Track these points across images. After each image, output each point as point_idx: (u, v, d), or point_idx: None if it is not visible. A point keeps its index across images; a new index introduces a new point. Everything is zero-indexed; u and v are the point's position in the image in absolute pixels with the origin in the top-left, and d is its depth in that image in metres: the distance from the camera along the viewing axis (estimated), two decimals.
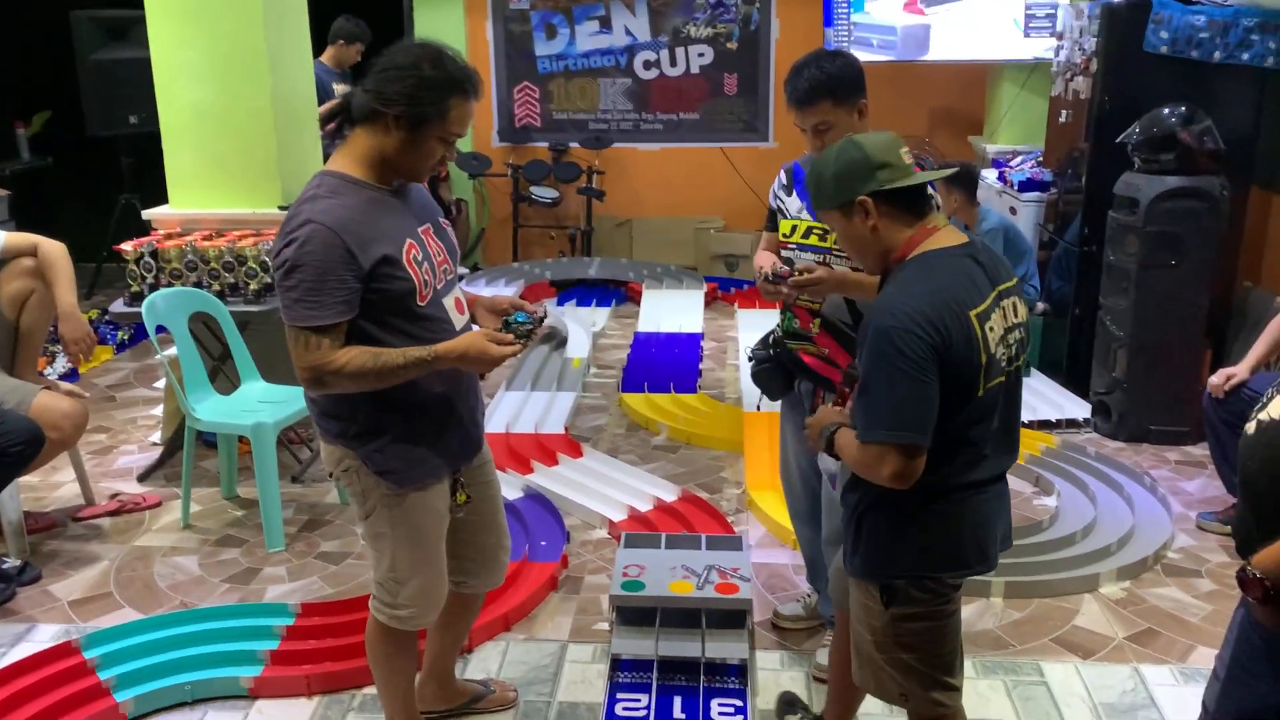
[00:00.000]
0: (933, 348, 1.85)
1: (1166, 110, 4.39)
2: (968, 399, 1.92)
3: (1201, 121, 4.35)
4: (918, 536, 2.02)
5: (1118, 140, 4.52)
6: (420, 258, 2.21)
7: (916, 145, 7.59)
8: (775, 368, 2.88)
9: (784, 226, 2.82)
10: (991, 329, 1.93)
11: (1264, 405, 1.75)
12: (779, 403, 3.01)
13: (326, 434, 2.32)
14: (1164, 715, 2.79)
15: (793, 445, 3.04)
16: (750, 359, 2.97)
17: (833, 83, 2.60)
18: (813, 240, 2.74)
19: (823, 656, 2.96)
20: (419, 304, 2.20)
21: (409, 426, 2.27)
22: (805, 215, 2.75)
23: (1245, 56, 4.58)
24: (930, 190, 2.20)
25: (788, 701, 2.80)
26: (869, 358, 1.92)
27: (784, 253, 2.83)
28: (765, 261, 2.82)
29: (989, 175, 6.09)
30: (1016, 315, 2.03)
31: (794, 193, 2.81)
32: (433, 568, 2.40)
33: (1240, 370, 3.64)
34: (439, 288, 2.27)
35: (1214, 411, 3.69)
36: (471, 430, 2.42)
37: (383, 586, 2.40)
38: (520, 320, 2.32)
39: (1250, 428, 1.75)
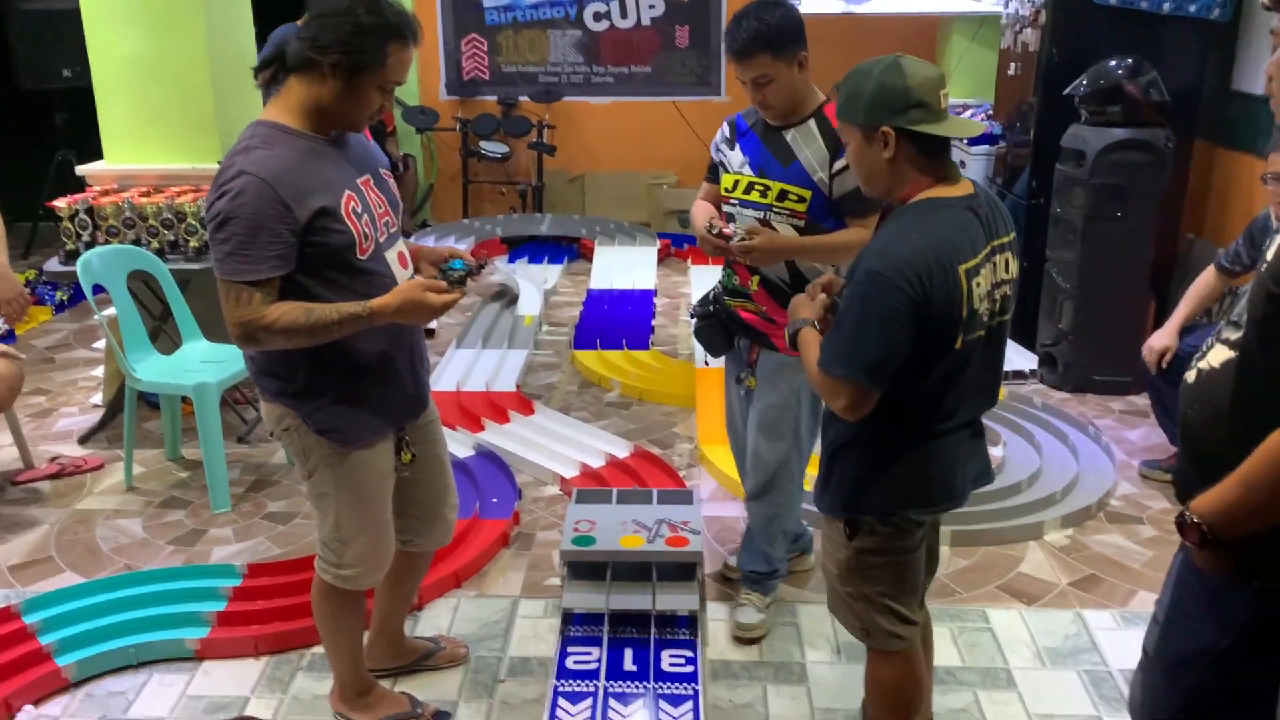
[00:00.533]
0: (913, 301, 1.87)
1: (1113, 63, 4.41)
2: (944, 352, 1.95)
3: (1147, 74, 4.38)
4: (890, 476, 2.07)
5: (1065, 92, 4.53)
6: (359, 210, 2.15)
7: None
8: (716, 325, 2.88)
9: (726, 181, 2.79)
10: (978, 284, 1.95)
11: (1204, 354, 1.76)
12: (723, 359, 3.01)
13: (266, 392, 2.27)
14: (1105, 658, 2.85)
15: (737, 402, 3.04)
16: (692, 316, 2.95)
17: (771, 34, 2.54)
18: (754, 196, 2.71)
19: (741, 615, 2.97)
20: (359, 257, 2.14)
21: (350, 385, 2.23)
22: (747, 170, 2.73)
23: (1192, 9, 4.60)
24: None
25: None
26: (851, 294, 1.95)
27: (725, 207, 2.80)
28: (701, 214, 2.80)
29: None
30: (1007, 271, 2.04)
31: (736, 146, 2.77)
32: (377, 527, 2.38)
33: (1168, 338, 3.68)
34: (380, 240, 2.21)
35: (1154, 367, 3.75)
36: (415, 388, 2.38)
37: (327, 546, 2.37)
38: (455, 267, 2.28)
39: (1190, 376, 1.77)
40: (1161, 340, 3.69)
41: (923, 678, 2.30)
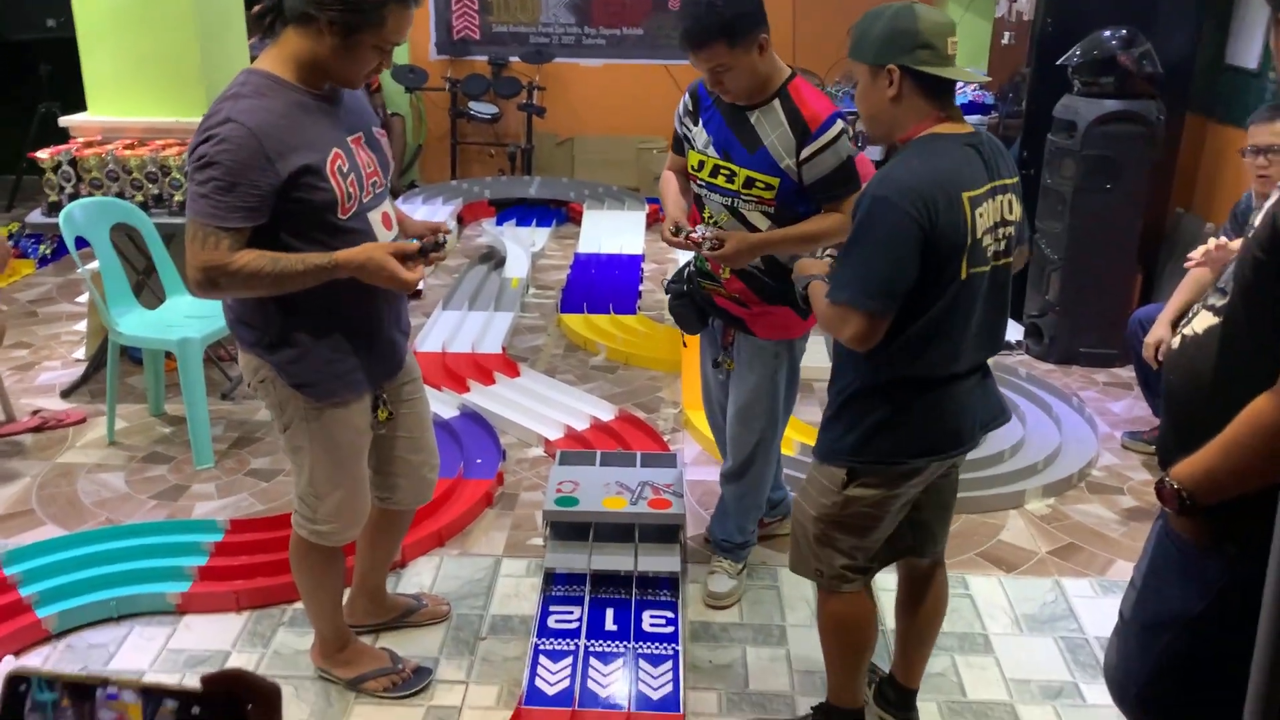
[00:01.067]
0: (918, 223, 1.90)
1: (1107, 33, 4.39)
2: (950, 280, 1.96)
3: (1141, 45, 4.36)
4: (902, 423, 2.09)
5: (1058, 62, 4.51)
6: (346, 169, 2.13)
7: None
8: (689, 304, 2.82)
9: (691, 159, 2.68)
10: (982, 214, 1.97)
11: (1188, 320, 1.77)
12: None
13: (243, 342, 2.26)
14: (1082, 625, 2.88)
15: (713, 380, 3.02)
16: (666, 293, 2.90)
17: (726, 23, 2.38)
18: (720, 181, 2.61)
19: (714, 583, 2.98)
20: (340, 217, 2.11)
21: (325, 339, 2.21)
22: (712, 152, 2.60)
23: None
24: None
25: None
26: (858, 222, 1.97)
27: (693, 187, 2.71)
28: (670, 197, 2.69)
29: None
30: (1010, 212, 2.06)
31: (699, 122, 2.64)
32: (353, 484, 2.37)
33: (1161, 330, 3.66)
34: (365, 200, 2.18)
35: (1139, 337, 3.75)
36: (394, 346, 2.37)
37: (303, 501, 2.37)
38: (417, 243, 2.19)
39: (1175, 342, 1.77)
40: (1155, 334, 3.67)
41: (871, 617, 2.31)
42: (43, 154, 4.02)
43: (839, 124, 2.52)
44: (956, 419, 2.12)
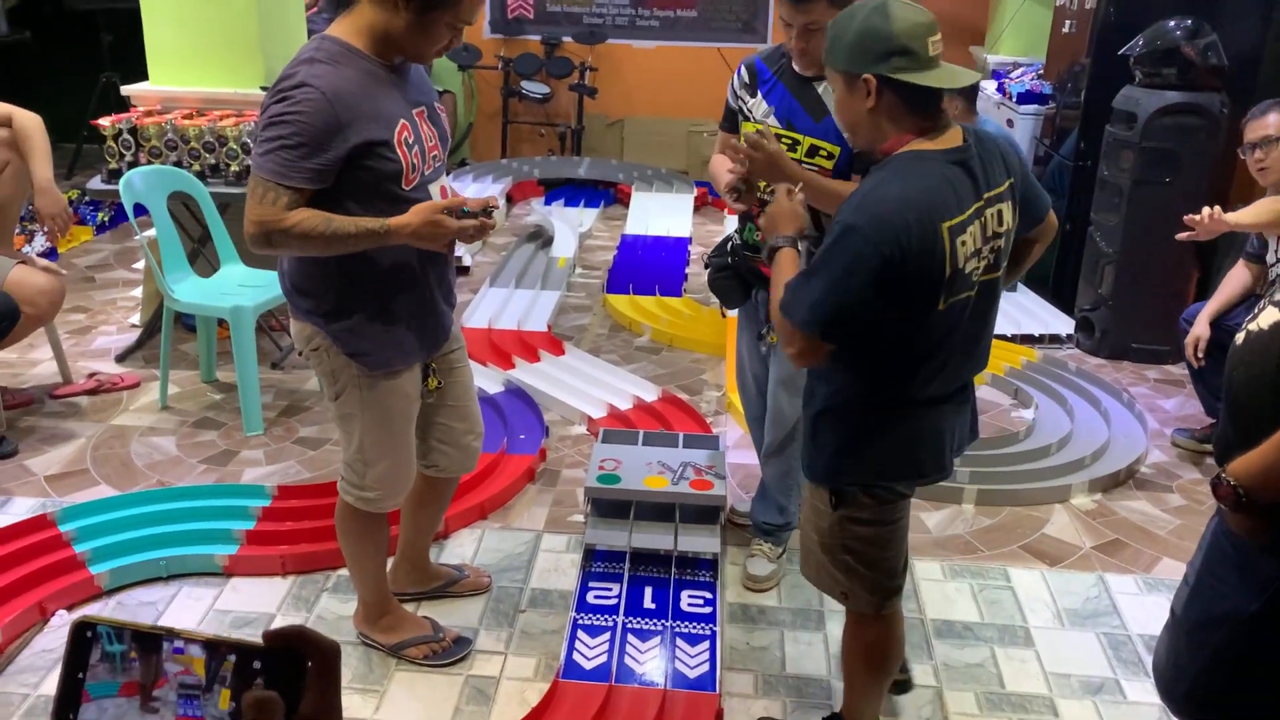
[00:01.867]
0: (887, 260, 1.76)
1: (1171, 23, 4.30)
2: (927, 311, 1.85)
3: (1206, 36, 4.27)
4: (875, 446, 1.99)
5: (1120, 53, 4.43)
6: (411, 140, 2.16)
7: None
8: (733, 276, 2.80)
9: (748, 129, 2.66)
10: (964, 242, 1.82)
11: (1255, 316, 1.74)
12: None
13: (296, 310, 2.29)
14: (1125, 622, 2.85)
15: (749, 357, 3.00)
16: (707, 266, 2.88)
17: None
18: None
19: (753, 566, 2.98)
20: (403, 187, 2.15)
21: (380, 308, 2.24)
22: (773, 121, 2.60)
23: None
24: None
25: None
26: (826, 246, 1.85)
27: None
28: (721, 169, 2.65)
29: (988, 86, 5.99)
30: (1000, 223, 1.91)
31: (758, 93, 2.65)
32: (400, 451, 2.40)
33: (1201, 329, 3.63)
34: (427, 173, 2.22)
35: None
36: (443, 317, 2.40)
37: (350, 467, 2.40)
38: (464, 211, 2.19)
39: (1239, 337, 1.75)
40: (1195, 331, 3.63)
41: (900, 640, 2.25)
42: (104, 122, 4.09)
43: None
44: (934, 441, 2.01)
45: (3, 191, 3.64)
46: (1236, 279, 3.66)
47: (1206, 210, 3.32)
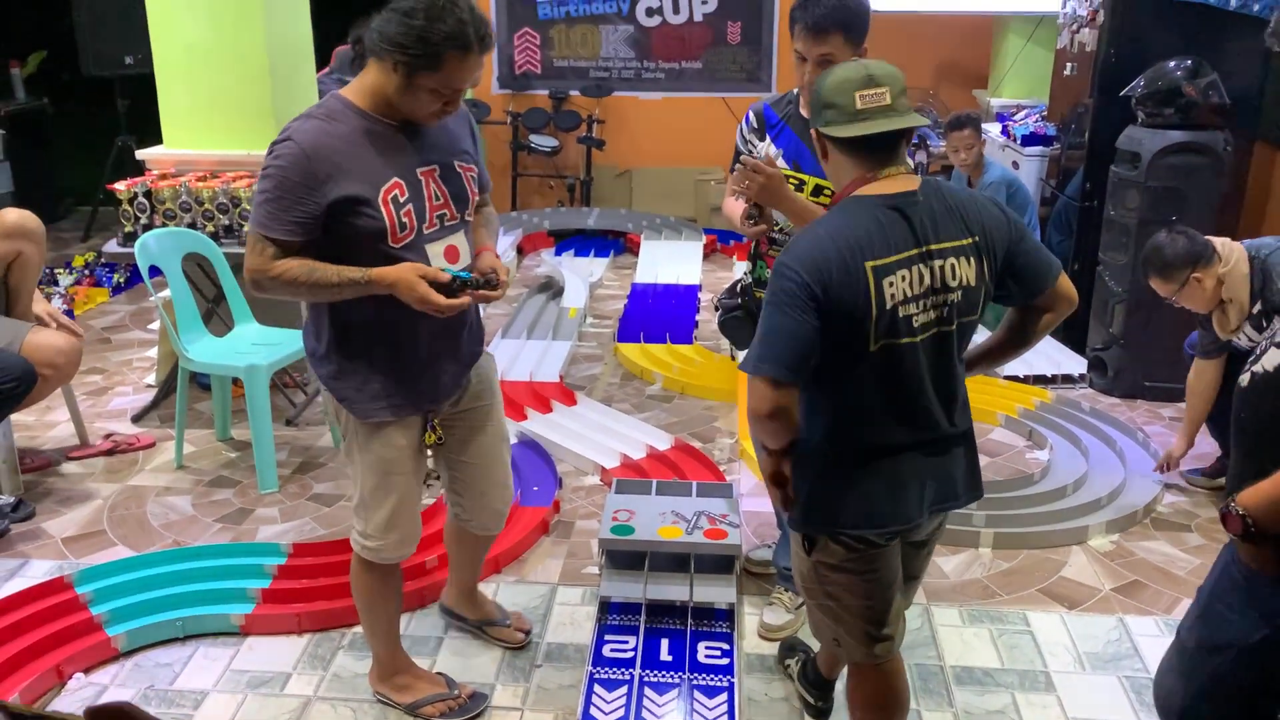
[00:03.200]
0: (812, 291, 1.83)
1: (1172, 63, 4.34)
2: (860, 352, 1.88)
3: (1207, 75, 4.30)
4: (832, 494, 2.00)
5: (1122, 94, 4.47)
6: (404, 199, 2.17)
7: (921, 98, 7.51)
8: (744, 316, 2.84)
9: None
10: (891, 283, 1.86)
11: (1258, 358, 1.77)
12: None
13: (306, 352, 2.39)
14: (1147, 665, 2.82)
15: None
16: (717, 308, 2.93)
17: (849, 16, 2.49)
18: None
19: (769, 615, 2.97)
20: (392, 245, 2.16)
21: (364, 359, 2.28)
22: (781, 163, 2.64)
23: (1256, 7, 4.50)
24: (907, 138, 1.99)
25: (789, 646, 2.79)
26: (768, 290, 1.90)
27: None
28: (735, 211, 2.67)
29: (992, 129, 6.04)
30: (953, 277, 1.91)
31: (767, 137, 2.70)
32: (399, 503, 2.40)
33: (1178, 448, 3.72)
34: (426, 231, 2.21)
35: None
36: (443, 373, 2.38)
37: (356, 514, 2.45)
38: (455, 274, 2.19)
39: (1244, 379, 1.79)
40: (1173, 450, 3.74)
41: (900, 692, 2.21)
42: (120, 185, 4.16)
43: None
44: (893, 490, 1.98)
45: (16, 277, 3.67)
46: (1200, 382, 3.64)
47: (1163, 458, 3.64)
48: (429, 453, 2.48)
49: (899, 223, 1.89)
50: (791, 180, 2.62)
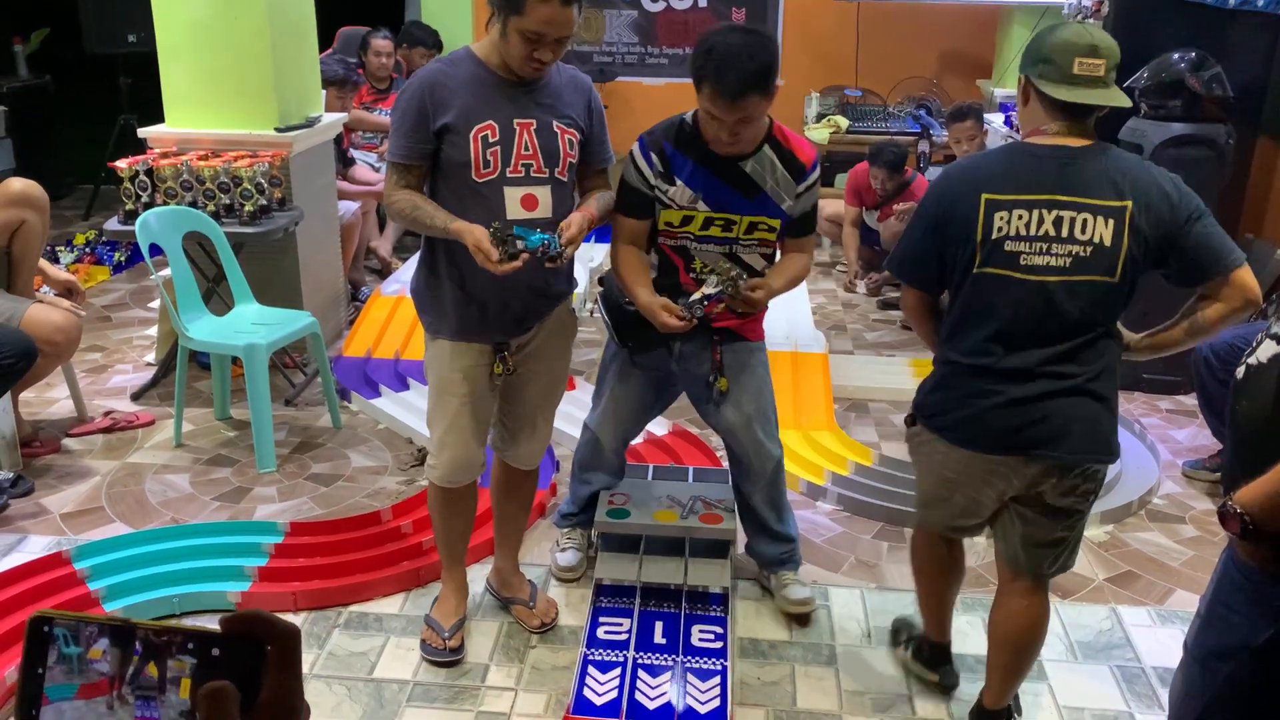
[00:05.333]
0: (936, 207, 2.19)
1: (1176, 55, 4.33)
2: (964, 271, 2.15)
3: (1211, 68, 4.30)
4: (933, 397, 2.31)
5: (1125, 85, 4.45)
6: (494, 140, 2.37)
7: (924, 87, 7.50)
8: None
9: (671, 216, 2.63)
10: (1004, 219, 2.08)
11: (1253, 350, 1.77)
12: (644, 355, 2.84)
13: None
14: (1139, 654, 2.83)
15: (636, 400, 2.97)
16: (629, 303, 2.70)
17: (765, 75, 2.43)
18: (715, 231, 2.63)
19: (794, 592, 2.97)
20: (474, 178, 2.38)
21: (438, 278, 2.51)
22: (702, 206, 2.59)
23: (1260, 3, 4.50)
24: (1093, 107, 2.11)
25: (895, 629, 2.88)
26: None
27: (670, 242, 2.68)
28: (641, 284, 2.62)
29: (995, 120, 6.03)
30: (1083, 232, 2.07)
31: (677, 181, 2.61)
32: (455, 426, 2.56)
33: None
34: (510, 175, 2.40)
35: (1203, 365, 3.69)
36: (510, 310, 2.52)
37: (429, 431, 2.66)
38: (528, 239, 2.30)
39: (1239, 372, 1.78)
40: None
41: (932, 562, 2.57)
42: (121, 164, 4.16)
43: (818, 166, 2.72)
44: (968, 416, 2.20)
45: (20, 247, 3.68)
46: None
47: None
48: (496, 383, 2.61)
49: (1037, 168, 2.10)
50: (717, 220, 2.60)
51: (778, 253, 2.81)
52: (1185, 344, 2.32)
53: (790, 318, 5.06)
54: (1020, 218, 2.06)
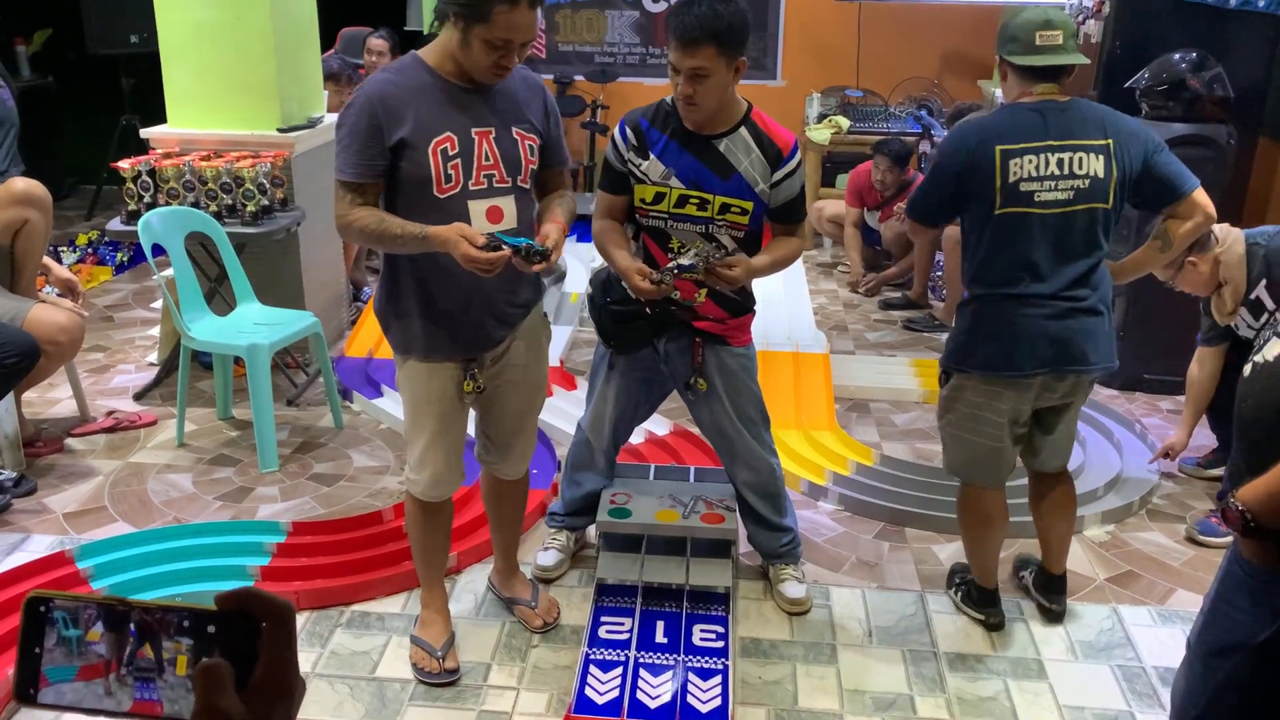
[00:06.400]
0: (953, 159, 2.57)
1: (1177, 56, 4.33)
2: (989, 213, 2.54)
3: (1212, 68, 4.30)
4: (967, 337, 2.65)
5: (1126, 85, 4.46)
6: (454, 153, 2.29)
7: (925, 88, 7.49)
8: (645, 326, 2.77)
9: (644, 192, 2.66)
10: (1018, 164, 2.49)
11: (1260, 348, 1.78)
12: (627, 357, 2.88)
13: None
14: (1140, 654, 2.83)
15: (624, 398, 2.96)
16: (602, 312, 2.78)
17: (722, 28, 2.43)
18: (690, 210, 2.64)
19: (790, 590, 3.00)
20: (436, 194, 2.29)
21: (406, 299, 2.42)
22: (676, 182, 2.61)
23: (1261, 3, 4.50)
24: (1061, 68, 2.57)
25: (952, 572, 3.14)
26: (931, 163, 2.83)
27: (647, 221, 2.70)
28: (619, 254, 2.64)
29: None
30: (1081, 168, 2.50)
31: (650, 155, 2.63)
32: (431, 441, 2.51)
33: (1179, 439, 3.72)
34: (473, 188, 2.32)
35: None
36: (483, 326, 2.46)
37: (407, 447, 2.60)
38: (508, 240, 2.25)
39: (1246, 370, 1.80)
40: (1173, 440, 3.74)
41: (989, 513, 2.82)
42: (124, 164, 4.16)
43: (799, 153, 2.68)
44: (1008, 342, 2.56)
45: (23, 246, 3.69)
46: (1205, 376, 3.65)
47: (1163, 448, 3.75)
48: (466, 401, 2.57)
49: (1036, 121, 2.52)
50: (692, 198, 2.62)
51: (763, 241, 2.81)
52: (1158, 263, 2.89)
53: (791, 318, 5.07)
54: (1030, 161, 2.48)
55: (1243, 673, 1.72)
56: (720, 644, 2.77)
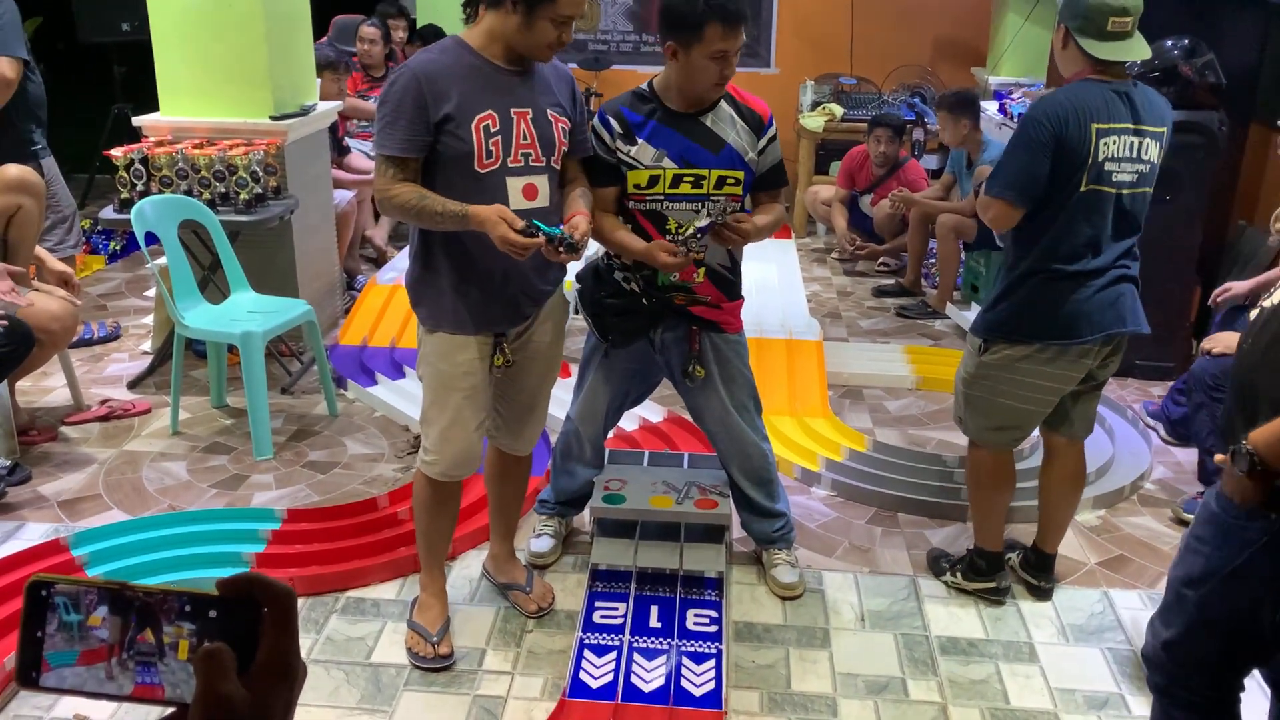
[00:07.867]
0: (1052, 134, 2.52)
1: (1169, 42, 4.33)
2: (1073, 189, 2.55)
3: (1204, 55, 4.30)
4: (1025, 310, 2.67)
5: None
6: (494, 129, 2.36)
7: (919, 75, 7.50)
8: (644, 315, 2.79)
9: (637, 178, 2.66)
10: (1107, 143, 2.53)
11: (1270, 295, 1.90)
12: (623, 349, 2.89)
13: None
14: (1130, 637, 2.86)
15: (614, 384, 2.98)
16: (595, 304, 2.80)
17: (745, 3, 2.59)
18: (685, 189, 2.66)
19: (783, 575, 3.01)
20: (477, 169, 2.36)
21: (441, 272, 2.47)
22: (668, 163, 2.64)
23: None
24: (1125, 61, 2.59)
25: (934, 557, 3.15)
26: (1014, 133, 2.61)
27: (642, 205, 2.70)
28: (625, 234, 2.66)
29: (990, 107, 6.03)
30: (1146, 153, 2.58)
31: (638, 140, 2.65)
32: (451, 421, 2.53)
33: (1239, 286, 3.58)
34: (511, 165, 2.40)
35: (1204, 373, 3.64)
36: (511, 304, 2.53)
37: (422, 427, 2.63)
38: (541, 226, 2.30)
39: (1253, 313, 1.91)
40: (1234, 284, 3.62)
41: (1001, 473, 2.92)
42: (116, 152, 4.15)
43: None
44: (1071, 314, 2.62)
45: (15, 233, 3.69)
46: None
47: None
48: (495, 375, 2.59)
49: (1117, 100, 2.56)
50: (686, 177, 2.65)
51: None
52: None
53: (785, 305, 5.07)
54: (1115, 142, 2.54)
55: (1213, 601, 1.86)
56: (714, 628, 2.79)
